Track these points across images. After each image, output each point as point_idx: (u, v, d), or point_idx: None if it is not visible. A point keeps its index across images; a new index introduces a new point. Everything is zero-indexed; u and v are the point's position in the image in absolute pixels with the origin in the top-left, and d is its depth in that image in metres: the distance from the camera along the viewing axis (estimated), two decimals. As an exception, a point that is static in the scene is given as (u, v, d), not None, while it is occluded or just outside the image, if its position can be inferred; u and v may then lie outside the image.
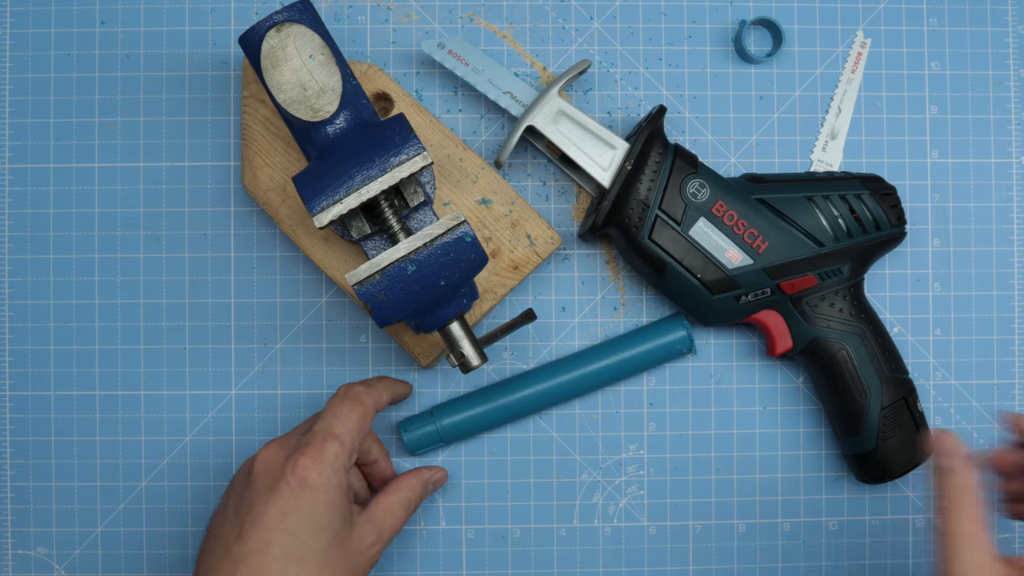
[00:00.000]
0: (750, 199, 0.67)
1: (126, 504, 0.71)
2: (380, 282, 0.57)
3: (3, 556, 0.70)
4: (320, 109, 0.60)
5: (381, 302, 0.57)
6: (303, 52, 0.60)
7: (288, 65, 0.60)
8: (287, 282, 0.71)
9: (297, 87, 0.60)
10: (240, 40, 0.60)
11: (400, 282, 0.57)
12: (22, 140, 0.71)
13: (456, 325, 0.61)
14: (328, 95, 0.60)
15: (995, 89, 0.73)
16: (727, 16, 0.72)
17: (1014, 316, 0.73)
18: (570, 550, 0.72)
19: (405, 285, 0.57)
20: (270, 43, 0.59)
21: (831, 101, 0.72)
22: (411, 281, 0.57)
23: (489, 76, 0.69)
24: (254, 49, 0.60)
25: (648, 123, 0.66)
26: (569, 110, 0.67)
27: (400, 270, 0.57)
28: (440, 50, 0.69)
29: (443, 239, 0.58)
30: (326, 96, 0.60)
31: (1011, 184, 0.73)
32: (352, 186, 0.57)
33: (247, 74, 0.67)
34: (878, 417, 0.67)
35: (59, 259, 0.71)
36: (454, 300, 0.60)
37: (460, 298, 0.60)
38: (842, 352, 0.67)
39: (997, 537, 0.49)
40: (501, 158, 0.67)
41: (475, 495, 0.71)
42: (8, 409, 0.71)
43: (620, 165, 0.66)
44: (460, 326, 0.61)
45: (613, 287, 0.72)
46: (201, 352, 0.71)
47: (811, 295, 0.67)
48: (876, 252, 0.68)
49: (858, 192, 0.67)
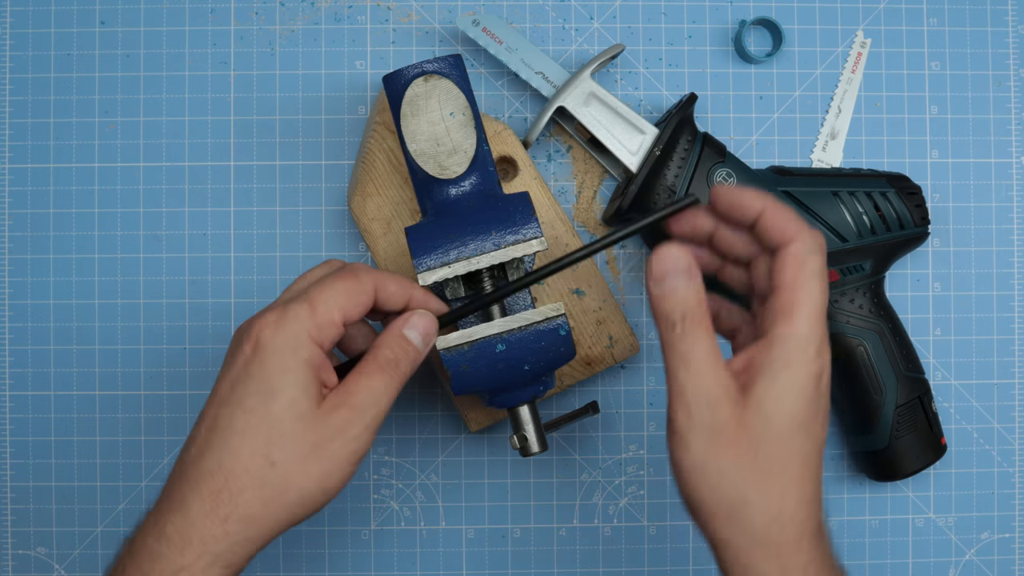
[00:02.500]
0: (776, 191, 0.67)
1: (126, 504, 0.71)
2: (467, 353, 0.57)
3: (3, 556, 0.70)
4: (448, 168, 0.59)
5: (463, 372, 0.57)
6: (445, 108, 0.59)
7: (427, 117, 0.59)
8: (287, 282, 0.71)
9: (431, 141, 0.59)
10: (385, 80, 0.60)
11: (486, 358, 0.57)
12: (22, 140, 0.71)
13: (526, 409, 0.60)
14: (459, 156, 0.59)
15: (995, 89, 0.73)
16: (727, 16, 0.72)
17: (1014, 316, 0.73)
18: (570, 550, 0.72)
19: (491, 362, 0.57)
20: (415, 91, 0.59)
21: (831, 101, 0.73)
22: (497, 359, 0.57)
23: (522, 55, 0.69)
24: (397, 92, 0.60)
25: (679, 110, 0.67)
26: (600, 93, 0.67)
27: (489, 346, 0.57)
28: (474, 27, 0.69)
29: (538, 326, 0.57)
30: (457, 156, 0.59)
31: (1011, 184, 0.73)
32: (463, 253, 0.57)
33: (382, 100, 0.67)
34: (892, 415, 0.67)
35: (59, 259, 0.71)
36: (532, 385, 0.60)
37: (538, 384, 0.60)
38: (860, 348, 0.67)
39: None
40: (530, 137, 0.68)
41: (475, 495, 0.71)
42: (8, 409, 0.71)
43: (648, 150, 0.67)
44: (530, 411, 0.60)
45: (614, 287, 0.72)
46: (201, 352, 0.71)
47: (832, 290, 0.67)
48: (898, 250, 0.68)
49: (884, 190, 0.68)
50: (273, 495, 0.49)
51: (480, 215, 0.58)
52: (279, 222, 0.71)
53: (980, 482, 0.72)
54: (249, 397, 0.50)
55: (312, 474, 0.50)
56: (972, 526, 0.72)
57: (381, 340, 0.53)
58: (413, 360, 0.53)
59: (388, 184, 0.67)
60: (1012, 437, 0.73)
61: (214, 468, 0.49)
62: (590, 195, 0.72)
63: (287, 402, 0.49)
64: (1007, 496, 0.72)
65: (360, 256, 0.71)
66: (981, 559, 0.72)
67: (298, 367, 0.50)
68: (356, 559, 0.71)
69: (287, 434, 0.49)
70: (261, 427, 0.49)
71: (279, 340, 0.50)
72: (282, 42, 0.72)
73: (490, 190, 0.60)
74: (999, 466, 0.72)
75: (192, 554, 0.48)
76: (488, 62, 0.72)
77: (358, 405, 0.51)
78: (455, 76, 0.60)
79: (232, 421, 0.50)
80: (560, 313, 0.57)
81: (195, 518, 0.49)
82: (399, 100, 0.60)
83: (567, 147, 0.72)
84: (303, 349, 0.50)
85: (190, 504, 0.49)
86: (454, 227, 0.57)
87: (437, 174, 0.59)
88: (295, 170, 0.71)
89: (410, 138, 0.59)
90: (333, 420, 0.50)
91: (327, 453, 0.50)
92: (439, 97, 0.59)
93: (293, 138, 0.71)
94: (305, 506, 0.51)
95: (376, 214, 0.66)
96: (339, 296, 0.51)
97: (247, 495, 0.49)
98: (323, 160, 0.71)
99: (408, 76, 0.60)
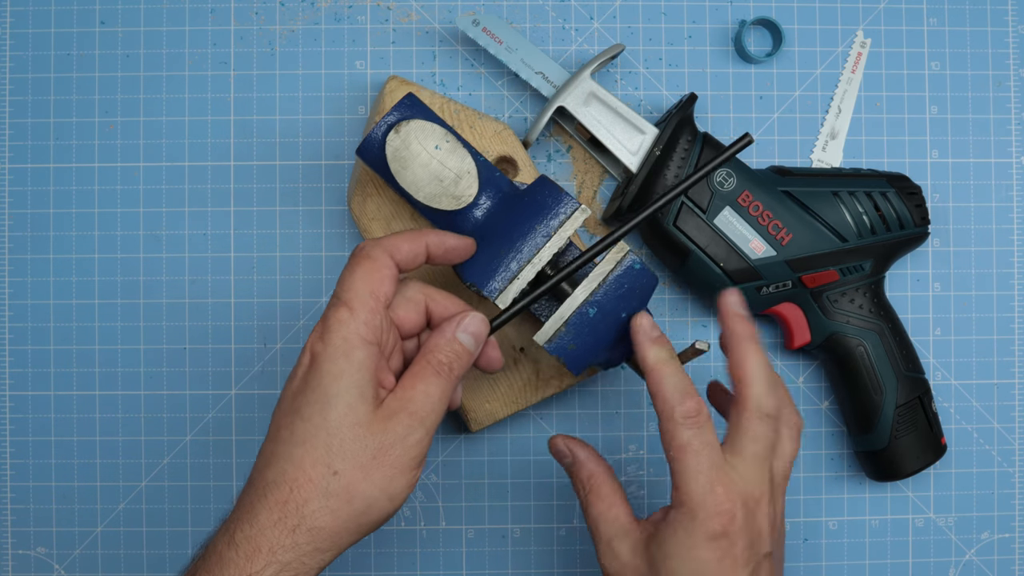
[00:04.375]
0: (776, 191, 0.67)
1: (126, 504, 0.71)
2: (567, 333, 0.57)
3: (3, 556, 0.70)
4: (461, 195, 0.59)
5: (572, 352, 0.57)
6: (428, 145, 0.59)
7: (418, 162, 0.59)
8: (287, 282, 0.71)
9: (433, 181, 0.59)
10: (359, 152, 0.59)
11: (586, 327, 0.57)
12: (22, 140, 0.71)
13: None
14: (466, 179, 0.59)
15: (995, 89, 0.73)
16: (727, 16, 0.72)
17: (1014, 316, 0.73)
18: (570, 550, 0.72)
19: (591, 328, 0.57)
20: (394, 145, 0.58)
21: (831, 101, 0.73)
22: (596, 323, 0.57)
23: (522, 55, 0.69)
24: (376, 156, 0.59)
25: (679, 110, 0.67)
26: (600, 93, 0.67)
27: (582, 316, 0.57)
28: (474, 27, 0.68)
29: (615, 273, 0.57)
30: (464, 181, 0.59)
31: (1011, 184, 0.73)
32: (522, 259, 0.57)
33: (382, 100, 0.66)
34: (892, 415, 0.67)
35: (59, 259, 0.71)
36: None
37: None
38: (860, 348, 0.67)
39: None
40: (530, 137, 0.68)
41: (475, 495, 0.71)
42: (8, 409, 0.71)
43: (649, 150, 0.67)
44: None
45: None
46: (201, 352, 0.71)
47: (832, 290, 0.67)
48: (898, 250, 0.69)
49: (884, 190, 0.68)
50: (339, 504, 0.50)
51: (516, 218, 0.58)
52: (279, 222, 0.71)
53: (980, 482, 0.72)
54: (307, 406, 0.50)
55: (376, 481, 0.50)
56: (972, 526, 0.72)
57: (434, 343, 0.53)
58: (465, 363, 0.54)
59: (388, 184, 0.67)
60: (1012, 437, 0.73)
61: (279, 478, 0.50)
62: (590, 195, 0.72)
63: (344, 408, 0.50)
64: (1007, 496, 0.72)
65: (360, 256, 0.71)
66: (981, 559, 0.72)
67: (352, 371, 0.50)
68: (356, 559, 0.71)
69: (347, 442, 0.50)
70: (320, 436, 0.50)
71: (331, 348, 0.50)
72: (282, 42, 0.72)
73: (508, 193, 0.60)
74: (999, 466, 0.72)
75: (260, 562, 0.49)
76: (488, 62, 0.72)
77: (417, 412, 0.51)
78: (419, 112, 0.60)
79: (293, 431, 0.50)
80: (626, 251, 0.57)
81: (264, 526, 0.49)
82: (383, 161, 0.59)
83: (567, 147, 0.72)
84: (356, 351, 0.50)
85: (258, 513, 0.49)
86: (499, 243, 0.58)
87: (455, 207, 0.59)
88: (295, 170, 0.71)
89: (414, 189, 0.59)
90: (393, 426, 0.50)
91: (389, 459, 0.50)
92: (417, 138, 0.59)
93: (293, 138, 0.71)
94: (372, 515, 0.51)
95: (376, 214, 0.66)
96: (365, 282, 0.52)
97: (313, 505, 0.49)
98: (323, 160, 0.71)
99: (378, 137, 0.59)
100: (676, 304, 0.72)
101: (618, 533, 0.55)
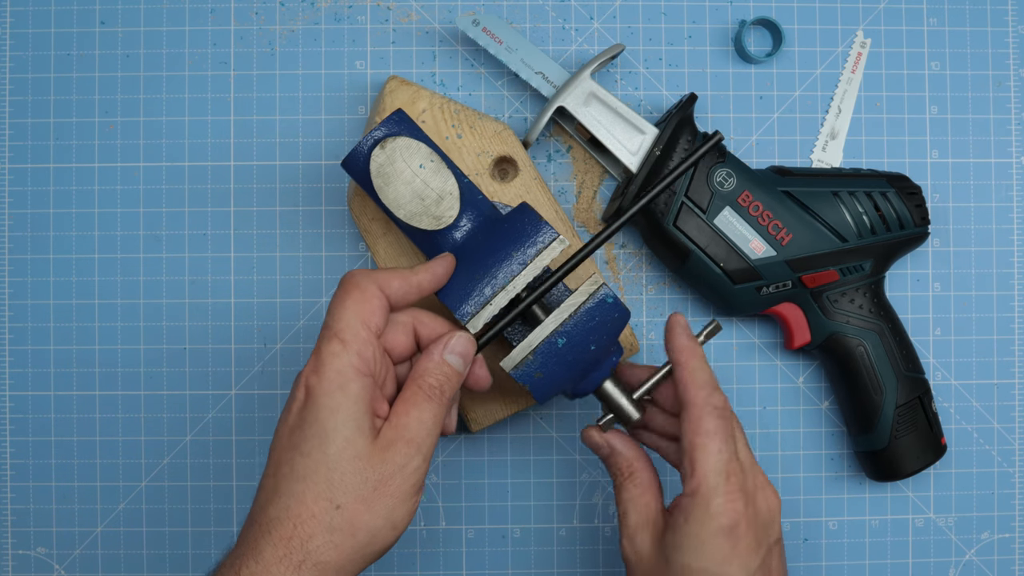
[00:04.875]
0: (776, 191, 0.67)
1: (126, 504, 0.71)
2: (534, 361, 0.57)
3: (3, 556, 0.70)
4: (442, 216, 0.59)
5: (538, 380, 0.57)
6: (412, 163, 0.59)
7: (401, 179, 0.58)
8: (287, 282, 0.71)
9: (415, 199, 0.59)
10: (345, 165, 0.59)
11: (553, 357, 0.57)
12: (22, 140, 0.71)
13: (610, 383, 0.60)
14: (447, 200, 0.59)
15: (995, 89, 0.73)
16: (727, 16, 0.72)
17: (1014, 316, 0.73)
18: (570, 550, 0.72)
19: (559, 358, 0.57)
20: (378, 161, 0.58)
21: (831, 101, 0.73)
22: (563, 353, 0.57)
23: (522, 55, 0.69)
24: (361, 169, 0.59)
25: (679, 110, 0.67)
26: (600, 93, 0.67)
27: (551, 345, 0.57)
28: (474, 27, 0.68)
29: (586, 306, 0.57)
30: (445, 201, 0.59)
31: (1011, 184, 0.73)
32: (496, 285, 0.57)
33: (382, 101, 0.66)
34: (892, 415, 0.67)
35: (59, 259, 0.71)
36: (604, 361, 0.60)
37: (609, 357, 0.60)
38: (860, 348, 0.67)
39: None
40: (530, 137, 0.68)
41: (475, 495, 0.71)
42: (8, 409, 0.71)
43: (649, 150, 0.67)
44: (614, 383, 0.60)
45: (614, 287, 0.72)
46: (201, 352, 0.71)
47: (832, 290, 0.67)
48: (898, 250, 0.69)
49: (884, 190, 0.68)
50: (343, 538, 0.50)
51: (494, 244, 0.58)
52: (279, 222, 0.71)
53: (980, 482, 0.72)
54: (305, 442, 0.50)
55: (378, 512, 0.51)
56: (972, 526, 0.72)
57: (423, 367, 0.54)
58: (455, 384, 0.54)
59: None
60: (1012, 437, 0.73)
61: (282, 515, 0.50)
62: (590, 195, 0.72)
63: (343, 443, 0.50)
64: (1007, 496, 0.72)
65: (360, 256, 0.71)
66: (981, 559, 0.72)
67: (348, 404, 0.50)
68: (356, 559, 0.71)
69: (347, 475, 0.50)
70: (320, 471, 0.50)
71: (326, 382, 0.51)
72: (282, 42, 0.72)
73: (489, 216, 0.60)
74: (999, 466, 0.72)
75: None
76: (488, 62, 0.72)
77: (413, 439, 0.51)
78: (406, 129, 0.59)
79: (293, 467, 0.50)
80: (599, 284, 0.58)
81: (269, 563, 0.49)
82: (366, 176, 0.59)
83: (567, 147, 0.72)
84: (351, 384, 0.51)
85: (263, 549, 0.49)
86: (475, 267, 0.57)
87: (435, 227, 0.59)
88: (295, 170, 0.71)
89: (395, 206, 0.59)
90: (391, 456, 0.51)
91: (390, 490, 0.51)
92: (402, 155, 0.58)
93: (293, 138, 0.71)
94: (376, 545, 0.51)
95: (376, 214, 0.66)
96: (356, 314, 0.52)
97: (317, 540, 0.49)
98: (323, 160, 0.71)
99: (364, 151, 0.59)
100: (676, 304, 0.72)
101: (645, 522, 0.58)
